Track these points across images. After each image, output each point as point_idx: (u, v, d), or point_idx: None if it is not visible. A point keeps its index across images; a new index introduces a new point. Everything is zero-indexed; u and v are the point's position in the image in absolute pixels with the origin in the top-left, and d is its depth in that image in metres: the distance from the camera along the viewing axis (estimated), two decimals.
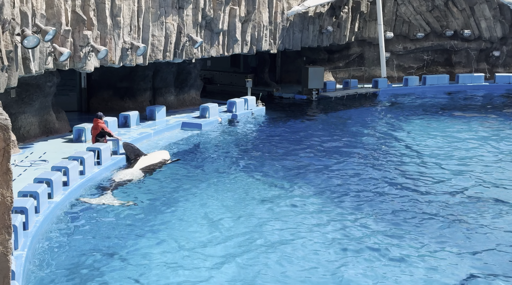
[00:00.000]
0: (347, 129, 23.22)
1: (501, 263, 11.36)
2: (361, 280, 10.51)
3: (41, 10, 16.51)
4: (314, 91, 28.54)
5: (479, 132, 22.85)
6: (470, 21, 33.46)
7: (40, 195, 12.47)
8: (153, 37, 20.77)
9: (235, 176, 16.59)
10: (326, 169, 17.40)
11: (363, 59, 32.97)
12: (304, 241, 12.17)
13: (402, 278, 10.63)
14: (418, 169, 17.62)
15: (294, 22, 27.74)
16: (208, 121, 22.57)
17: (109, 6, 18.91)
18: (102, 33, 18.82)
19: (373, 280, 10.47)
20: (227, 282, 10.44)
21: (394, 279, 10.58)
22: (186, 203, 14.35)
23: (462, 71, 33.89)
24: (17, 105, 18.14)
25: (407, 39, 33.39)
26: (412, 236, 12.47)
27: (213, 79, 31.76)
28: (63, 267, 10.87)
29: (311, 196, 15.03)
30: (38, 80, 18.36)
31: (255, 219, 13.33)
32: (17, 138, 17.52)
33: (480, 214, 13.90)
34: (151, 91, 24.20)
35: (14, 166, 15.32)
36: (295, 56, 31.64)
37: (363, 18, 31.84)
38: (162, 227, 12.83)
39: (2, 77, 14.78)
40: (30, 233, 11.44)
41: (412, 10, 33.03)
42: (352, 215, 13.71)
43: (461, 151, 19.91)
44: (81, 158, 15.40)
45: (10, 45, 14.99)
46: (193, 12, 22.13)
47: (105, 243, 11.97)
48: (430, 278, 10.65)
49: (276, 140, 21.22)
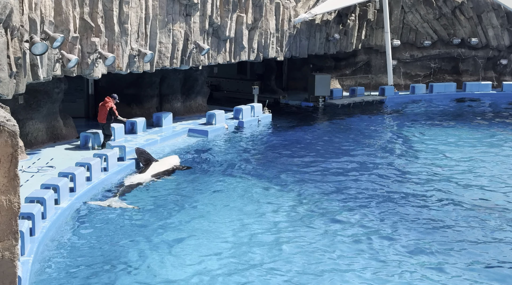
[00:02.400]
0: (353, 137, 23.18)
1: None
2: None
3: (50, 17, 16.62)
4: (321, 99, 28.54)
5: (486, 140, 22.75)
6: (477, 29, 33.41)
7: (47, 201, 12.51)
8: (160, 44, 20.85)
9: (241, 183, 16.59)
10: (333, 176, 17.37)
11: (370, 67, 32.96)
12: (306, 245, 12.15)
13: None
14: (427, 177, 17.56)
15: (301, 30, 27.78)
16: (214, 128, 22.60)
17: (117, 13, 19.01)
18: (110, 40, 18.92)
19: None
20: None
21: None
22: (192, 209, 14.35)
23: (469, 80, 33.79)
24: (25, 111, 18.23)
25: (414, 47, 33.37)
26: (426, 246, 12.43)
27: (220, 86, 31.80)
28: (69, 273, 10.89)
29: (318, 202, 15.00)
30: (46, 86, 18.45)
31: (261, 225, 13.32)
32: (25, 144, 17.60)
33: (486, 224, 13.85)
34: (158, 98, 24.26)
35: (22, 171, 15.38)
36: (302, 64, 31.66)
37: (370, 26, 31.85)
38: (168, 233, 12.83)
39: (11, 83, 14.87)
40: (37, 238, 11.47)
41: (419, 18, 33.02)
42: (362, 222, 13.67)
43: (467, 158, 19.82)
44: (87, 164, 15.45)
45: (18, 51, 15.08)
46: (200, 19, 22.21)
47: (112, 249, 11.98)
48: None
49: (282, 147, 21.20)
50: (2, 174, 5.53)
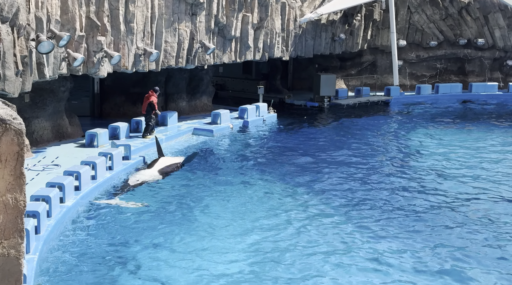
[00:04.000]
0: (359, 137, 23.15)
1: None
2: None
3: (56, 16, 16.66)
4: (326, 99, 28.51)
5: (491, 141, 22.70)
6: (484, 30, 33.31)
7: (52, 199, 12.55)
8: (166, 43, 20.87)
9: (245, 182, 16.60)
10: (338, 176, 17.35)
11: (376, 67, 32.89)
12: (309, 246, 12.15)
13: None
14: (434, 179, 17.53)
15: (307, 30, 27.76)
16: (219, 128, 22.61)
17: (123, 12, 19.04)
18: (116, 39, 18.95)
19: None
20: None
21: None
22: (196, 208, 14.36)
23: (476, 80, 33.69)
24: (31, 110, 18.29)
25: (420, 47, 33.29)
26: (432, 249, 12.42)
27: (225, 86, 31.81)
28: (74, 271, 10.92)
29: (321, 202, 15.00)
30: (51, 85, 18.50)
31: (266, 224, 13.32)
32: (30, 142, 17.65)
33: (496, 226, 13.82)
34: (163, 97, 24.28)
35: (27, 170, 15.42)
36: (307, 64, 31.64)
37: (376, 26, 31.80)
38: (174, 231, 12.85)
39: (17, 82, 14.92)
40: (42, 237, 11.50)
41: (426, 18, 32.95)
42: (368, 223, 13.66)
43: (474, 159, 19.78)
44: (93, 163, 15.48)
45: (25, 50, 15.13)
46: (206, 19, 22.22)
47: (117, 247, 12.00)
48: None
49: (287, 147, 21.20)
50: (8, 172, 5.55)
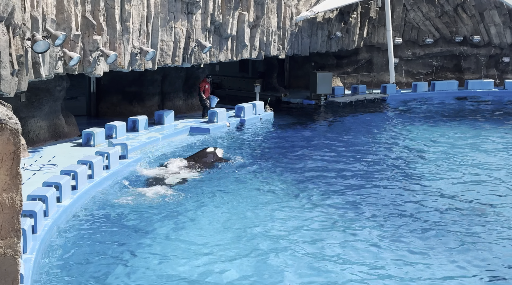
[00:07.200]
0: (355, 134, 23.17)
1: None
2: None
3: (52, 15, 16.62)
4: (323, 97, 28.52)
5: (489, 138, 22.73)
6: (479, 27, 33.35)
7: (49, 199, 12.53)
8: (162, 42, 20.85)
9: (242, 181, 16.61)
10: (335, 174, 17.38)
11: (372, 65, 32.92)
12: (307, 245, 12.17)
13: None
14: (430, 175, 17.56)
15: (303, 28, 27.76)
16: (216, 126, 22.61)
17: (119, 11, 19.01)
18: (112, 38, 18.92)
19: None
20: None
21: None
22: (193, 207, 14.36)
23: (472, 78, 33.73)
24: (27, 109, 18.26)
25: (416, 44, 33.31)
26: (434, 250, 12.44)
27: (222, 84, 31.80)
28: (71, 270, 10.91)
29: (319, 199, 15.01)
30: (47, 84, 18.47)
31: (263, 223, 13.33)
32: (27, 142, 17.62)
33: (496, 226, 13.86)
34: (160, 96, 24.28)
35: (24, 169, 15.40)
36: (304, 62, 31.64)
37: (372, 24, 31.81)
38: (170, 232, 12.84)
39: (13, 81, 14.89)
40: (39, 236, 11.49)
41: (421, 15, 32.98)
42: (367, 222, 13.68)
43: (470, 157, 19.82)
44: (89, 162, 15.47)
45: (20, 49, 15.10)
46: (202, 17, 22.20)
47: (113, 247, 11.99)
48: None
49: (284, 145, 21.21)
50: (4, 172, 5.55)
